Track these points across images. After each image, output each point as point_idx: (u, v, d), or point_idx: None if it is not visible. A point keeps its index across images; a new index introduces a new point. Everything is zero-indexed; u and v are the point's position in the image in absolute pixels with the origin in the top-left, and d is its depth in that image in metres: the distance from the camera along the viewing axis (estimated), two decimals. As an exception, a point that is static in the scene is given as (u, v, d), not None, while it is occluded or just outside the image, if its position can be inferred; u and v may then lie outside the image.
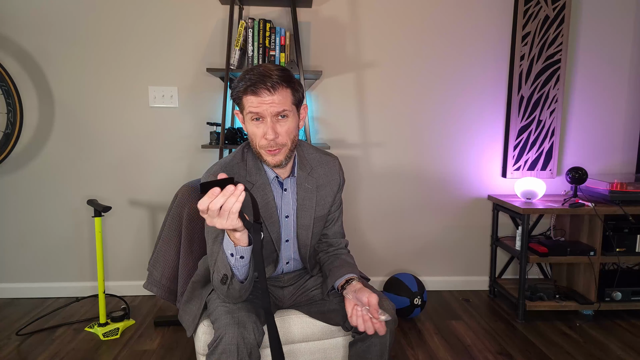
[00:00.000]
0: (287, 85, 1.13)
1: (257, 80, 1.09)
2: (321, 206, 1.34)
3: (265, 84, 1.09)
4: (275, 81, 1.10)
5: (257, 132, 1.15)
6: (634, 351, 1.98)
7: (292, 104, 1.15)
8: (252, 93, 1.10)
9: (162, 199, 2.49)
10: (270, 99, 1.10)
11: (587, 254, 2.22)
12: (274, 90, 1.10)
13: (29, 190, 2.43)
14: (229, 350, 1.08)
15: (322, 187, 1.34)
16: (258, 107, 1.11)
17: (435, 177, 2.57)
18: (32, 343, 2.00)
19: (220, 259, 1.11)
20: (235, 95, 1.14)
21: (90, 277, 2.52)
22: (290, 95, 1.14)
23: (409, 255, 2.64)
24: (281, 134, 1.14)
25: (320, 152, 1.38)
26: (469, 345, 2.02)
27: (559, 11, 2.43)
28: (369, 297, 1.13)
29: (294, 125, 1.18)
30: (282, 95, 1.11)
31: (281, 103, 1.11)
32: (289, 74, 1.15)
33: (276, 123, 1.14)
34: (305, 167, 1.32)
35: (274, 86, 1.10)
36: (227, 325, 1.10)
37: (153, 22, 2.35)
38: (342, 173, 1.40)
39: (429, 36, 2.46)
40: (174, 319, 2.19)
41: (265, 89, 1.09)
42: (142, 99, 2.41)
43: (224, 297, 1.17)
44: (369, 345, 1.21)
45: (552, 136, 2.52)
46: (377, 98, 2.49)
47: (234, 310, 1.15)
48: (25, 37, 2.32)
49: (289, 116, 1.15)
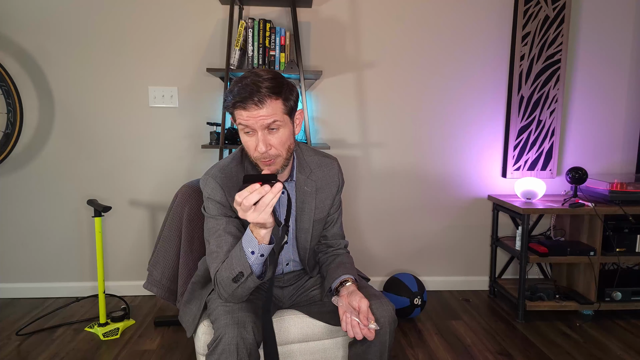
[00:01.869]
0: (277, 97, 1.09)
1: (245, 96, 1.07)
2: (320, 209, 1.34)
3: (253, 99, 1.06)
4: (264, 94, 1.07)
5: (249, 144, 1.14)
6: (634, 351, 1.98)
7: (283, 113, 1.12)
8: (242, 108, 1.08)
9: (162, 199, 2.49)
10: (258, 112, 1.08)
11: (587, 254, 2.22)
12: (262, 104, 1.07)
13: (29, 190, 2.43)
14: (229, 350, 1.08)
15: (321, 189, 1.34)
16: (247, 120, 1.09)
17: (435, 177, 2.57)
18: (32, 343, 2.00)
19: (236, 256, 1.10)
20: (226, 106, 1.13)
21: (90, 277, 2.52)
22: (281, 105, 1.11)
23: (409, 255, 2.64)
24: (274, 145, 1.12)
25: (320, 154, 1.37)
26: (469, 345, 2.03)
27: (559, 11, 2.43)
28: (359, 302, 1.14)
29: (287, 134, 1.15)
30: (271, 107, 1.08)
31: (271, 115, 1.09)
32: (280, 83, 1.11)
33: (267, 135, 1.11)
34: (305, 170, 1.31)
35: (261, 100, 1.07)
36: (227, 325, 1.10)
37: (153, 22, 2.35)
38: (341, 175, 1.39)
39: (429, 36, 2.46)
40: (174, 319, 2.19)
41: (253, 103, 1.07)
42: (142, 99, 2.41)
43: (228, 296, 1.16)
44: (369, 346, 1.21)
45: (552, 136, 2.52)
46: (377, 98, 2.49)
47: (233, 310, 1.15)
48: (25, 37, 2.32)
49: (281, 126, 1.12)
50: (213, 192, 1.21)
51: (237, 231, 1.20)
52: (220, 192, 1.20)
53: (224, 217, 1.21)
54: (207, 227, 1.23)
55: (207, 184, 1.22)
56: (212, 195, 1.21)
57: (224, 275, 1.13)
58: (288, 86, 1.14)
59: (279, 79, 1.12)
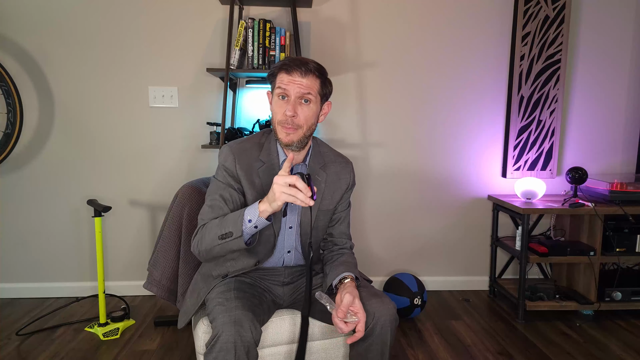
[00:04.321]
0: (318, 76, 1.24)
1: (294, 63, 1.21)
2: (328, 201, 1.38)
3: (300, 67, 1.21)
4: (310, 69, 1.22)
5: (279, 109, 1.24)
6: (634, 351, 1.98)
7: (317, 92, 1.25)
8: (286, 72, 1.22)
9: (162, 199, 2.49)
10: (300, 80, 1.21)
11: (587, 254, 2.22)
12: (305, 75, 1.21)
13: (29, 190, 2.43)
14: (226, 349, 1.08)
15: (331, 183, 1.39)
16: (287, 85, 1.22)
17: (435, 177, 2.57)
18: (32, 343, 2.00)
19: (232, 220, 1.20)
20: (271, 72, 1.26)
21: (90, 277, 2.52)
22: (319, 84, 1.25)
23: (409, 255, 2.64)
24: (299, 116, 1.23)
25: (337, 153, 1.46)
26: (469, 345, 2.02)
27: (559, 11, 2.43)
28: (343, 296, 1.18)
29: (314, 112, 1.26)
30: (311, 81, 1.22)
31: (308, 87, 1.22)
32: (324, 70, 1.27)
33: (298, 105, 1.23)
34: (319, 160, 1.39)
35: (306, 72, 1.21)
36: (224, 324, 1.11)
37: (153, 22, 2.35)
38: (353, 176, 1.46)
39: (429, 36, 2.46)
40: (174, 319, 2.19)
41: (298, 70, 1.21)
42: (142, 99, 2.41)
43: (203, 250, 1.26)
44: (370, 345, 1.21)
45: (552, 136, 2.52)
46: (377, 98, 2.49)
47: (231, 309, 1.15)
48: (25, 37, 2.32)
49: (312, 102, 1.24)
50: (225, 158, 1.31)
51: (231, 200, 1.29)
52: (230, 159, 1.30)
53: (227, 185, 1.30)
54: (210, 189, 1.33)
55: (222, 151, 1.33)
56: (223, 161, 1.31)
57: (213, 232, 1.23)
58: (328, 78, 1.30)
59: (324, 69, 1.28)
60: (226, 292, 1.25)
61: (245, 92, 2.44)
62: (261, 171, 1.31)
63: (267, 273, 1.41)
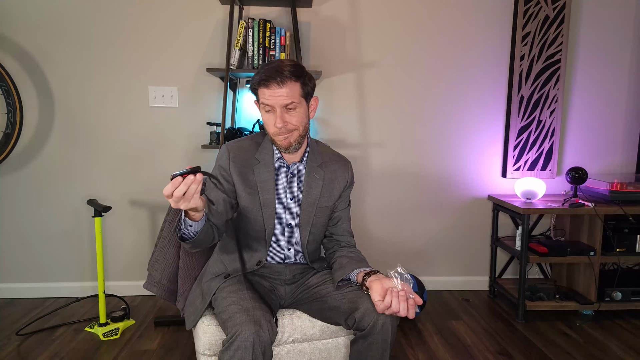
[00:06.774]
0: (297, 80, 1.24)
1: (269, 75, 1.22)
2: (326, 197, 1.40)
3: (275, 78, 1.22)
4: (285, 76, 1.22)
5: (269, 121, 1.28)
6: (634, 351, 1.98)
7: (300, 96, 1.26)
8: (265, 86, 1.24)
9: (162, 199, 2.49)
10: (280, 91, 1.22)
11: (587, 254, 2.22)
12: (283, 84, 1.22)
13: (29, 190, 2.43)
14: (245, 347, 1.10)
15: (329, 181, 1.41)
16: (269, 99, 1.24)
17: (435, 177, 2.57)
18: (32, 343, 2.00)
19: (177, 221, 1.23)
20: (252, 87, 1.28)
21: (90, 277, 2.52)
22: (299, 87, 1.26)
23: (409, 255, 2.64)
24: (290, 122, 1.26)
25: (335, 153, 1.48)
26: (469, 345, 2.02)
27: (559, 11, 2.43)
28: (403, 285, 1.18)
29: (303, 114, 1.29)
30: (290, 87, 1.23)
31: (289, 96, 1.23)
32: (300, 69, 1.27)
33: (285, 113, 1.26)
34: (316, 158, 1.41)
35: (283, 80, 1.22)
36: (244, 323, 1.12)
37: (153, 22, 2.35)
38: (352, 174, 1.47)
39: (429, 36, 2.46)
40: (174, 319, 2.19)
41: (274, 82, 1.22)
42: (142, 99, 2.41)
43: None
44: (371, 343, 1.21)
45: (552, 136, 2.52)
46: (377, 98, 2.49)
47: (249, 308, 1.17)
48: (25, 37, 2.32)
49: (297, 107, 1.26)
50: (221, 156, 1.37)
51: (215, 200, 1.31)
52: (225, 157, 1.35)
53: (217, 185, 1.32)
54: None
55: (220, 150, 1.39)
56: (219, 159, 1.37)
57: None
58: (308, 74, 1.30)
59: (300, 66, 1.28)
60: (239, 291, 1.27)
61: (245, 92, 2.44)
62: (256, 169, 1.35)
63: (271, 272, 1.42)
